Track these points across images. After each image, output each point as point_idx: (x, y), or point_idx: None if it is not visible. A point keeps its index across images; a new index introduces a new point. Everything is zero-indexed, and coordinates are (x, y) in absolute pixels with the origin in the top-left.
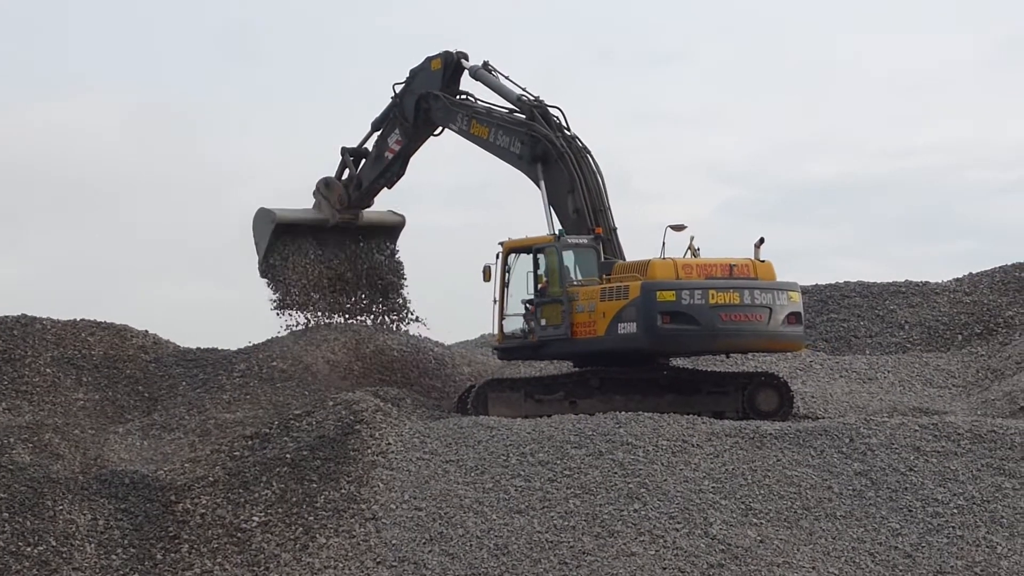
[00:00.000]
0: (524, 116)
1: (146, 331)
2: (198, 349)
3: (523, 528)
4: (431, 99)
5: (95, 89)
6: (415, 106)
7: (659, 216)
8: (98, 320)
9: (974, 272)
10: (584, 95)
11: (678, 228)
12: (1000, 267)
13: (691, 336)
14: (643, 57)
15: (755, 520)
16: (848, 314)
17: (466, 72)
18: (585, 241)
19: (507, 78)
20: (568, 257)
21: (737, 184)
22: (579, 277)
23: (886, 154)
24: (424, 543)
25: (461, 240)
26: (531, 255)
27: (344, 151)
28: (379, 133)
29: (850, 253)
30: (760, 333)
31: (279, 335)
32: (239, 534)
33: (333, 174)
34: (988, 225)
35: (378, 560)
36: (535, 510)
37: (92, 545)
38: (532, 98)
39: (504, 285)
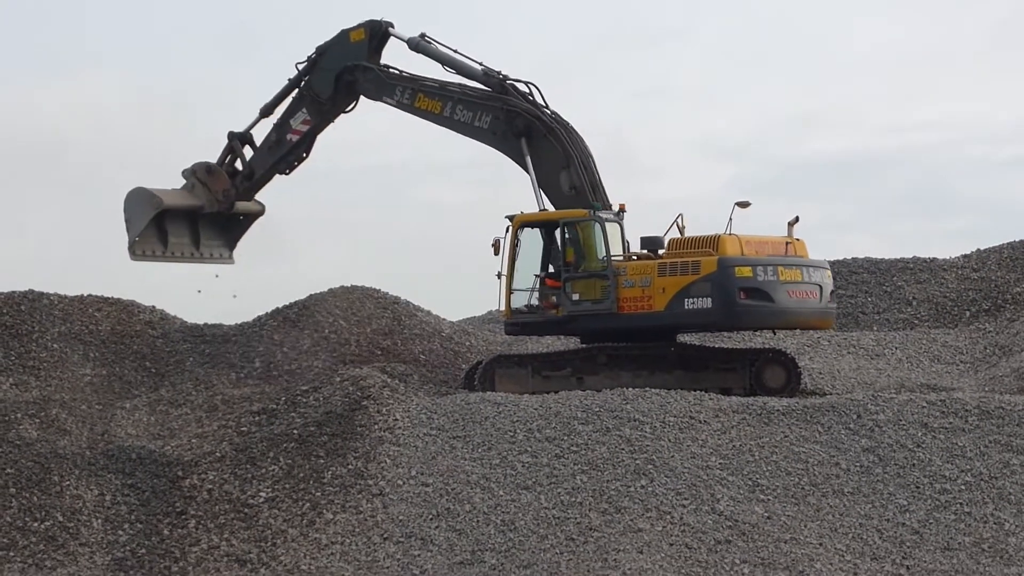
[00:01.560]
0: (491, 90)
1: (153, 307)
2: (205, 325)
3: (530, 504)
4: (359, 71)
5: (102, 71)
6: (335, 81)
7: (659, 195)
8: (105, 296)
9: (982, 248)
10: (587, 73)
11: (744, 205)
12: (1008, 243)
13: (765, 312)
14: (646, 34)
15: (762, 496)
16: (856, 290)
17: (403, 46)
18: (611, 216)
19: (455, 51)
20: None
21: (740, 161)
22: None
23: (888, 130)
24: (431, 519)
25: (468, 215)
26: (555, 230)
27: (232, 135)
28: (279, 118)
29: (852, 229)
30: (814, 310)
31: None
32: (246, 510)
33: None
34: (988, 201)
35: (385, 536)
36: (542, 486)
37: (99, 520)
38: (496, 72)
39: (513, 260)
